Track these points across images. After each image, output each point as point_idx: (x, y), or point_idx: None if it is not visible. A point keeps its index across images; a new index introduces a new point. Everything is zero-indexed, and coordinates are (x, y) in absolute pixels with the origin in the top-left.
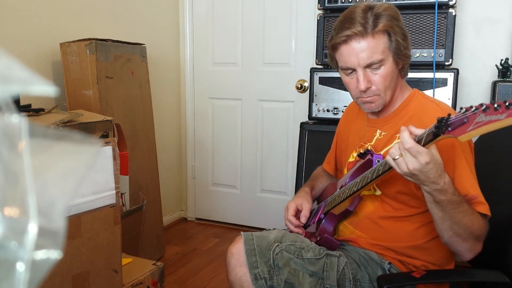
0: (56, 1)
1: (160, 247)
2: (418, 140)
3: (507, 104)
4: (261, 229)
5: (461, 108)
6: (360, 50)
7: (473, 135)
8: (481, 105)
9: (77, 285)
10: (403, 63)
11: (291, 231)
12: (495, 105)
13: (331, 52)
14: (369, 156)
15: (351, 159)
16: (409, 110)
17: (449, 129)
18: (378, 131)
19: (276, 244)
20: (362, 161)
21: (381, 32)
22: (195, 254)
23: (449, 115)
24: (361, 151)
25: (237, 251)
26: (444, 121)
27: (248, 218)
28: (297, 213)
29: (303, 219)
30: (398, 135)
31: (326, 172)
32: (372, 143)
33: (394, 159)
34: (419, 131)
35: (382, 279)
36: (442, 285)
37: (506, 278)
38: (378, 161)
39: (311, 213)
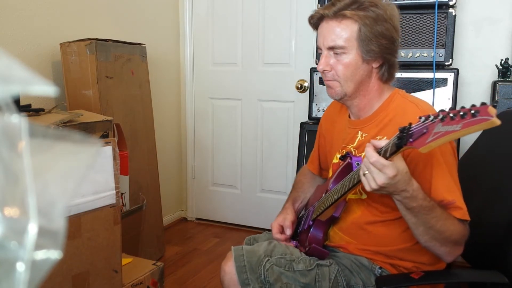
0: (56, 1)
1: (160, 247)
2: (384, 151)
3: (461, 113)
4: (261, 229)
5: (420, 118)
6: (326, 31)
7: (432, 146)
8: (438, 114)
9: (77, 285)
10: (379, 63)
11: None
12: (451, 115)
13: (314, 31)
14: (348, 160)
15: (335, 161)
16: (390, 111)
17: (411, 140)
18: (359, 132)
19: (266, 258)
20: (343, 164)
21: (349, 20)
22: (195, 254)
23: (410, 124)
24: (344, 153)
25: (229, 270)
26: (405, 131)
27: (248, 218)
28: (283, 230)
29: (288, 232)
30: (379, 136)
31: (310, 172)
32: (355, 144)
33: (363, 174)
34: (382, 143)
35: (381, 280)
36: (438, 285)
37: (505, 278)
38: (358, 164)
39: (301, 218)
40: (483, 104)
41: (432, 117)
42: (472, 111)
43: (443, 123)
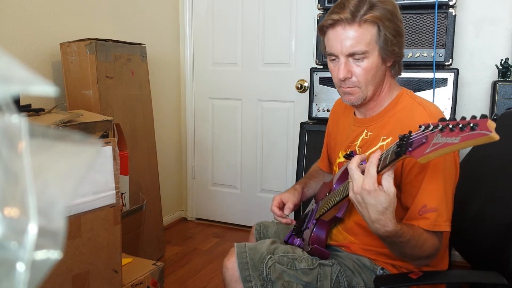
0: (56, 1)
1: (160, 247)
2: (384, 159)
3: (460, 125)
4: None
5: (420, 126)
6: (344, 37)
7: (431, 157)
8: (438, 124)
9: (77, 285)
10: (393, 61)
11: (279, 222)
12: (450, 126)
13: (321, 35)
14: None
15: (340, 159)
16: (397, 111)
17: (410, 149)
18: (365, 131)
19: (269, 256)
20: (346, 163)
21: (369, 22)
22: (195, 254)
23: (410, 132)
24: (348, 152)
25: (232, 266)
26: (405, 139)
27: (248, 218)
28: (283, 207)
29: (287, 211)
30: (383, 136)
31: (321, 170)
32: (358, 143)
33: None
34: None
35: (379, 280)
36: (439, 286)
37: (504, 279)
38: (362, 165)
39: (306, 215)
40: (483, 116)
41: (431, 126)
42: (471, 124)
43: (442, 134)
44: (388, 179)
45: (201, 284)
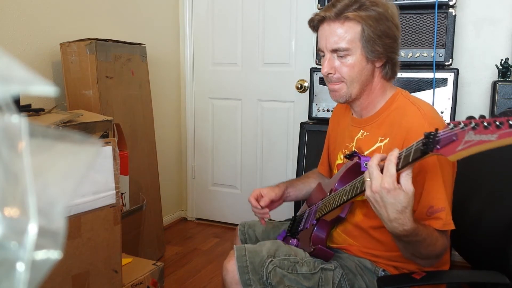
0: (56, 1)
1: (160, 247)
2: (405, 156)
3: (497, 123)
4: None
5: (449, 124)
6: (329, 34)
7: (463, 155)
8: (470, 121)
9: (77, 285)
10: (383, 62)
11: (256, 214)
12: (485, 123)
13: (314, 32)
14: (356, 159)
15: (339, 161)
16: (391, 111)
17: (438, 146)
18: (360, 131)
19: (270, 260)
20: (349, 163)
21: (352, 21)
22: (195, 254)
23: (436, 130)
24: (347, 152)
25: (232, 269)
26: (432, 137)
27: (248, 218)
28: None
29: (262, 203)
30: (381, 137)
31: (321, 174)
32: (354, 143)
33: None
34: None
35: (382, 280)
36: (439, 286)
37: (506, 278)
38: (366, 165)
39: (302, 216)
40: None
41: (462, 124)
42: (510, 122)
43: (475, 131)
44: (406, 178)
45: (201, 284)
